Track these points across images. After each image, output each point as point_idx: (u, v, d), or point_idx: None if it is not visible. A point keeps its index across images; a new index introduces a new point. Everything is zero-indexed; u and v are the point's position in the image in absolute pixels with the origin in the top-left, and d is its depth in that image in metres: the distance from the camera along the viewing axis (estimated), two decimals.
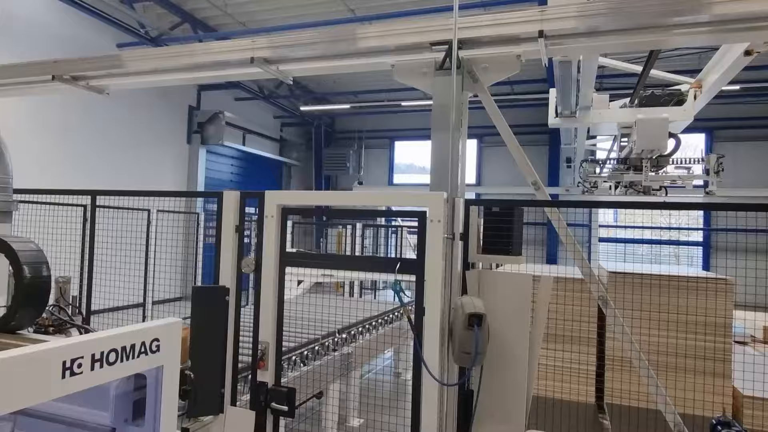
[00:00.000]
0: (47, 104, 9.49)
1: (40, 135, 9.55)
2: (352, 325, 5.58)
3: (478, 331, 2.63)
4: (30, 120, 9.44)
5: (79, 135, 10.44)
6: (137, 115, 11.81)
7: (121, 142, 11.39)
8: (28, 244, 2.59)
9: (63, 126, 10.11)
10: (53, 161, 9.73)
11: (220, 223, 3.29)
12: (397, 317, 6.99)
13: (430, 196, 2.84)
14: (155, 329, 1.94)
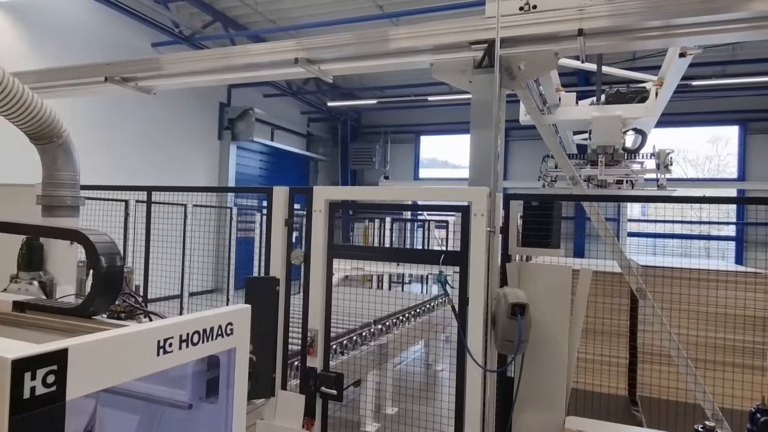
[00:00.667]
0: (91, 106, 9.87)
1: (85, 135, 9.90)
2: (387, 317, 5.73)
3: (521, 320, 2.74)
4: (76, 121, 9.81)
5: (119, 134, 10.82)
6: (171, 113, 12.15)
7: (156, 140, 11.76)
8: (103, 237, 2.80)
9: (105, 126, 10.49)
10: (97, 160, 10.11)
11: (270, 217, 3.46)
12: (427, 310, 7.12)
13: (475, 191, 2.96)
14: (229, 314, 2.11)
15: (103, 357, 1.59)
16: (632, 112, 5.52)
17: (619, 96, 5.83)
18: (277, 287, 3.39)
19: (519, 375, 2.99)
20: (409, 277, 13.08)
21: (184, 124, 12.68)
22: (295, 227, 3.61)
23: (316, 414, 3.29)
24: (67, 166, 3.28)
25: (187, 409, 2.22)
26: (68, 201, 3.25)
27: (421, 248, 9.75)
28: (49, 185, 3.23)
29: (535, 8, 3.28)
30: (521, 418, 3.07)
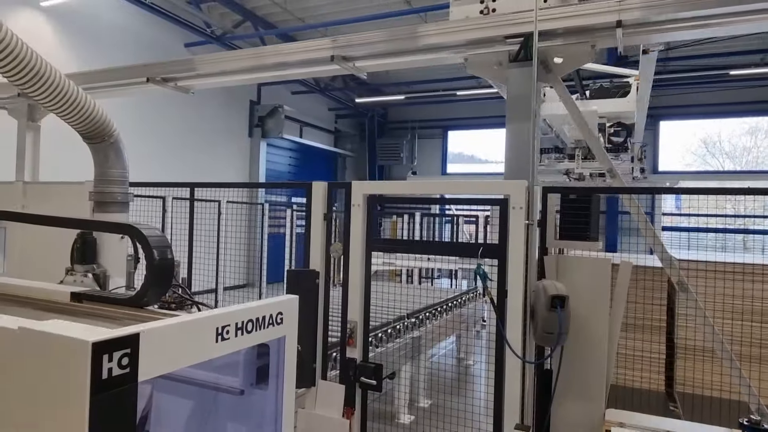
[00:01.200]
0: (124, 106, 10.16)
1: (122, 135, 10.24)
2: (419, 311, 5.79)
3: (561, 313, 2.76)
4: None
5: (151, 134, 11.12)
6: (203, 112, 12.42)
7: (188, 138, 12.04)
8: (155, 230, 2.93)
9: (137, 126, 10.79)
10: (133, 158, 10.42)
11: (309, 211, 3.55)
12: (458, 305, 7.14)
13: (513, 184, 2.98)
14: (279, 304, 2.20)
15: (170, 342, 1.68)
16: (609, 106, 5.63)
17: (603, 91, 5.95)
18: (317, 280, 3.47)
19: (558, 367, 3.01)
20: (438, 272, 13.12)
21: (215, 122, 12.95)
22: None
23: (356, 403, 3.36)
24: (117, 164, 3.42)
25: (239, 395, 2.32)
26: (119, 197, 3.39)
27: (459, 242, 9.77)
28: (101, 182, 3.38)
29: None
30: (560, 410, 3.09)
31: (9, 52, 2.62)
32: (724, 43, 11.06)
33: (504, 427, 2.96)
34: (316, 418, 3.43)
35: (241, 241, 12.24)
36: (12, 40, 2.62)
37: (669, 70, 13.07)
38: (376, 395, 6.04)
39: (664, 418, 3.05)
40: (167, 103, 11.28)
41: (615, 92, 5.86)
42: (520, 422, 2.94)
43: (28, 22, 9.10)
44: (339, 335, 3.47)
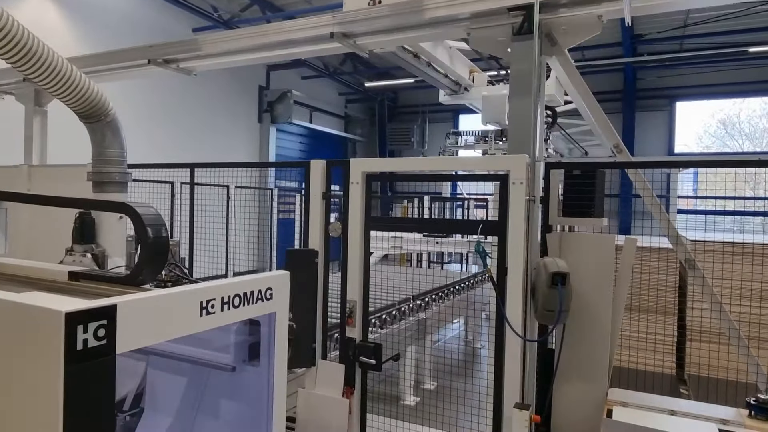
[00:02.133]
0: (133, 92, 10.19)
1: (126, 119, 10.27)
2: (426, 293, 5.75)
3: (562, 290, 2.69)
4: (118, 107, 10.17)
5: (159, 119, 11.15)
6: (212, 97, 12.42)
7: (197, 124, 12.05)
8: (149, 209, 2.90)
9: (146, 113, 10.83)
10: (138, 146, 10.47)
11: (308, 191, 3.50)
12: (465, 287, 7.09)
13: (513, 159, 2.90)
14: (269, 279, 2.16)
15: (150, 314, 1.65)
16: (505, 90, 5.63)
17: None
18: (316, 259, 3.44)
19: (560, 346, 2.95)
20: (449, 257, 13.06)
21: (224, 107, 12.93)
22: (335, 204, 3.63)
23: (356, 383, 3.34)
24: (115, 144, 3.40)
25: (231, 372, 2.30)
26: (116, 177, 3.38)
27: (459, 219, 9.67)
28: (99, 162, 3.36)
29: None
30: (562, 389, 3.03)
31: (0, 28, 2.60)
32: (742, 19, 10.70)
33: (504, 406, 2.91)
34: (315, 397, 3.42)
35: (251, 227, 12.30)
36: (2, 15, 2.59)
37: (686, 48, 12.72)
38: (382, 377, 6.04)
39: (667, 398, 2.98)
40: (175, 89, 11.29)
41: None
42: (521, 401, 2.89)
43: (35, 10, 9.12)
44: (340, 316, 3.44)
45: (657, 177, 9.96)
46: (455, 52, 5.50)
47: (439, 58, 5.01)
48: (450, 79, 5.78)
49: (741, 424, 2.51)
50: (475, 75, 5.91)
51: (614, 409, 2.69)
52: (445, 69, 5.41)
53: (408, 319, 5.24)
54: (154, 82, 11.00)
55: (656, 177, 7.37)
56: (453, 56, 5.39)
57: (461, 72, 5.75)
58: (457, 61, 5.54)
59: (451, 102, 6.41)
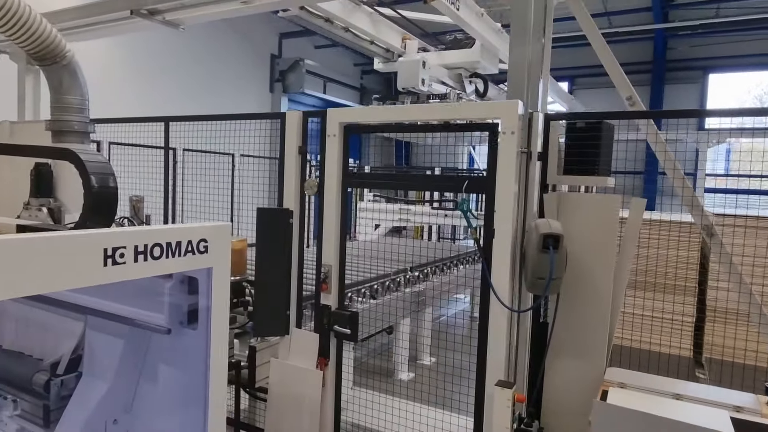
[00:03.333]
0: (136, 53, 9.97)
1: (131, 85, 10.09)
2: (425, 264, 5.44)
3: (553, 254, 2.35)
4: (121, 68, 9.99)
5: (170, 88, 10.93)
6: (222, 65, 12.13)
7: (208, 92, 11.80)
8: (96, 156, 2.64)
9: (157, 81, 10.60)
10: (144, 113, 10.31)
11: (282, 145, 3.20)
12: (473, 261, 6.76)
13: (503, 105, 2.53)
14: (202, 229, 1.87)
15: (34, 260, 1.38)
16: (454, 57, 5.87)
17: (456, 43, 6.10)
18: (291, 220, 3.16)
19: (553, 319, 2.62)
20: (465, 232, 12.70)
21: (235, 76, 12.64)
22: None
23: (330, 354, 3.08)
24: (74, 90, 3.14)
25: (166, 334, 2.05)
26: (75, 126, 3.13)
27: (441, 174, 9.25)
28: (57, 109, 3.11)
29: None
30: (555, 367, 2.72)
31: None
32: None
33: (486, 383, 2.61)
34: (289, 368, 3.17)
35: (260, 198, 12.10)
36: None
37: (722, 15, 11.88)
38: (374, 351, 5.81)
39: (674, 380, 2.64)
40: (184, 58, 11.05)
41: (467, 44, 5.95)
42: (505, 378, 2.58)
43: None
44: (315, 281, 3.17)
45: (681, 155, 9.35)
46: (379, 18, 5.36)
47: (358, 24, 4.98)
48: (379, 46, 5.74)
49: (757, 412, 2.16)
50: (407, 42, 5.88)
51: (610, 390, 2.36)
52: (369, 36, 5.36)
53: (404, 291, 4.95)
54: (163, 52, 10.76)
55: (680, 156, 6.84)
56: (377, 22, 5.34)
57: (390, 39, 5.69)
58: (383, 27, 5.48)
59: (385, 70, 6.36)
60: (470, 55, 5.79)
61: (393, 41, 5.73)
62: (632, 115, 2.88)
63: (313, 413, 3.10)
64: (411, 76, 5.16)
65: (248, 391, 3.44)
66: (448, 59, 5.94)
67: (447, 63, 5.92)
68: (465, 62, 5.87)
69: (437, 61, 5.88)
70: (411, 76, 5.16)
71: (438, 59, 5.92)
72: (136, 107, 9.72)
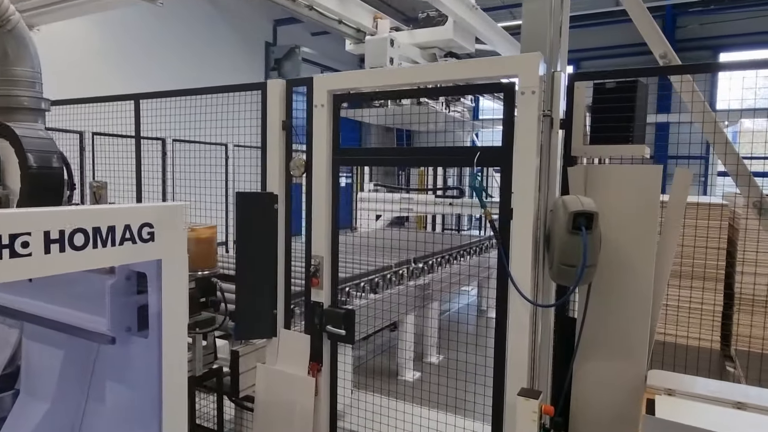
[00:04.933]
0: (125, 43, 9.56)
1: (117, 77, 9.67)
2: (429, 256, 5.04)
3: (586, 236, 1.94)
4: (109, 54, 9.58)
5: (161, 76, 10.50)
6: (216, 53, 11.72)
7: (200, 82, 11.38)
8: (36, 132, 2.23)
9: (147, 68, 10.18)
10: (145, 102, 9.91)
11: (264, 120, 2.80)
12: (479, 251, 6.36)
13: (521, 60, 2.11)
14: (145, 211, 1.46)
15: None
16: (426, 35, 5.64)
17: (428, 21, 5.93)
18: (275, 205, 2.75)
19: (583, 314, 2.21)
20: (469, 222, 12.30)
21: (228, 64, 12.22)
22: None
23: (324, 358, 2.68)
24: (23, 61, 2.72)
25: (110, 344, 1.65)
26: (26, 102, 2.71)
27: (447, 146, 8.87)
28: (3, 83, 2.68)
29: None
30: (585, 368, 2.31)
31: None
32: None
33: (506, 391, 2.21)
34: (277, 374, 2.78)
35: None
36: None
37: None
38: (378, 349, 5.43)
39: (730, 384, 2.23)
40: (177, 47, 10.66)
41: (439, 21, 5.76)
42: (529, 386, 2.18)
43: None
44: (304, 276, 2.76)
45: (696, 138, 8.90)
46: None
47: (322, 2, 4.82)
48: (348, 26, 5.50)
49: None
50: (379, 21, 5.67)
51: (657, 399, 1.96)
52: (335, 14, 5.16)
53: (407, 284, 4.55)
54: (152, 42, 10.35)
55: (695, 138, 6.43)
56: (345, 1, 5.18)
57: (360, 18, 5.46)
58: (352, 5, 5.27)
59: (357, 51, 6.12)
60: (442, 33, 5.57)
61: (364, 20, 5.49)
62: (672, 69, 2.46)
63: (305, 424, 2.71)
64: (379, 54, 4.93)
65: (233, 400, 3.06)
66: (420, 38, 5.68)
67: (419, 42, 5.66)
68: (438, 41, 5.64)
69: (408, 40, 5.59)
70: (379, 54, 4.93)
71: (409, 38, 5.66)
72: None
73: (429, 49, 5.87)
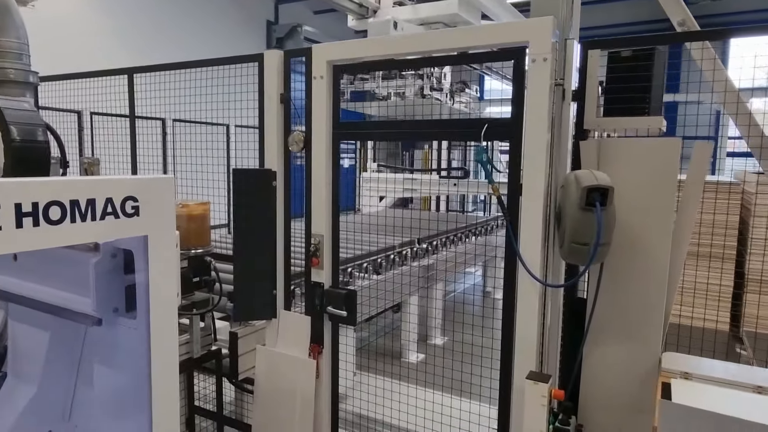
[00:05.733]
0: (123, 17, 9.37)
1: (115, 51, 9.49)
2: (434, 236, 4.94)
3: (600, 212, 1.83)
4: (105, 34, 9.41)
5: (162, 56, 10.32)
6: (216, 32, 11.51)
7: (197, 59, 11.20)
8: (20, 104, 2.13)
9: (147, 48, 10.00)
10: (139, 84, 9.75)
11: (261, 93, 2.68)
12: (485, 231, 6.25)
13: (533, 24, 1.98)
14: (128, 184, 1.35)
15: None
16: (428, 10, 5.35)
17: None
18: (274, 182, 2.65)
19: (595, 295, 2.11)
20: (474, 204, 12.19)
21: (228, 44, 11.99)
22: None
23: (325, 339, 2.60)
24: (8, 31, 2.61)
25: (96, 325, 1.56)
26: (12, 74, 2.60)
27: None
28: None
29: None
30: (596, 351, 2.22)
31: None
32: None
33: (514, 374, 2.13)
34: (277, 357, 2.71)
35: None
36: None
37: None
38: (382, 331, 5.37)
39: (749, 367, 2.14)
40: (174, 24, 10.44)
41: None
42: (538, 367, 2.10)
43: None
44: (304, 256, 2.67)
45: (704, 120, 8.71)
46: None
47: None
48: (352, 1, 5.37)
49: None
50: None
51: (672, 383, 1.87)
52: None
53: (411, 265, 4.46)
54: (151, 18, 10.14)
55: (703, 120, 6.24)
56: None
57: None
58: None
59: (360, 28, 5.88)
60: (447, 7, 5.28)
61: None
62: (693, 35, 2.32)
63: (306, 407, 2.64)
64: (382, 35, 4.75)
65: (233, 382, 2.99)
66: (424, 13, 5.39)
67: (423, 17, 5.39)
68: (442, 15, 5.34)
69: (412, 16, 5.35)
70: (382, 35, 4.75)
71: (413, 13, 5.40)
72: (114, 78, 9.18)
73: (433, 24, 5.66)
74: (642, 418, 2.16)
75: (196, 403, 3.03)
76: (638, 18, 12.30)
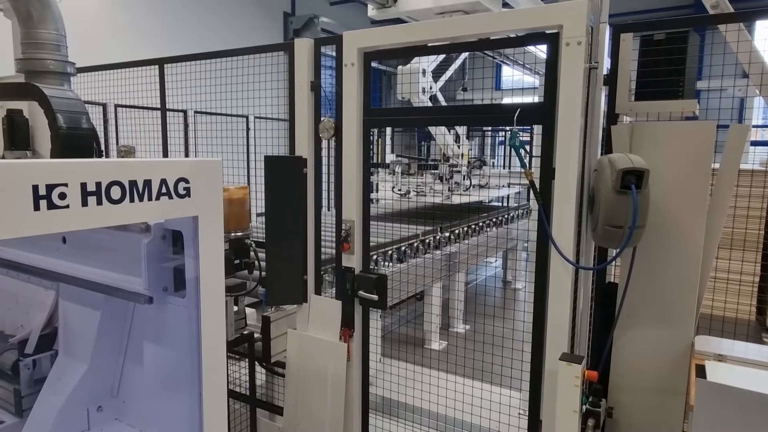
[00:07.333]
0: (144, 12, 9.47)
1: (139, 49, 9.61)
2: (456, 225, 4.97)
3: (636, 195, 1.84)
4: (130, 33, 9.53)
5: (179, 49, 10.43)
6: (233, 24, 11.60)
7: None
8: (65, 92, 2.19)
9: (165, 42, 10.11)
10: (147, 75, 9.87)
11: (292, 81, 2.71)
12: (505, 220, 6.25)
13: (567, 7, 1.98)
14: (182, 165, 1.41)
15: None
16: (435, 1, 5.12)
17: None
18: (305, 169, 2.69)
19: (627, 279, 2.13)
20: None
21: (245, 35, 12.08)
22: None
23: (356, 323, 2.65)
24: (47, 23, 2.67)
25: (148, 304, 1.62)
26: (51, 65, 2.66)
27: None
28: (28, 46, 2.65)
29: None
30: (628, 334, 2.24)
31: None
32: None
33: (546, 356, 2.15)
34: (308, 340, 2.77)
35: None
36: None
37: None
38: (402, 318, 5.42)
39: None
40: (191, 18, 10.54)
41: None
42: (569, 351, 2.12)
43: None
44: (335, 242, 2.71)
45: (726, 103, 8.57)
46: None
47: None
48: None
49: None
50: None
51: (707, 364, 1.88)
52: None
53: (434, 253, 4.50)
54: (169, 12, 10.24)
55: (726, 103, 6.13)
56: None
57: None
58: None
59: (380, 17, 5.67)
60: None
61: None
62: (727, 18, 2.30)
63: (337, 389, 2.70)
64: (412, 93, 5.17)
65: (265, 366, 3.07)
66: (445, 1, 5.23)
67: (444, 5, 5.31)
68: (462, 3, 5.19)
69: (432, 5, 5.27)
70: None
71: (434, 2, 5.31)
72: (136, 71, 9.30)
73: (454, 13, 5.61)
74: (673, 400, 2.18)
75: (229, 387, 3.11)
76: (661, 5, 12.08)
